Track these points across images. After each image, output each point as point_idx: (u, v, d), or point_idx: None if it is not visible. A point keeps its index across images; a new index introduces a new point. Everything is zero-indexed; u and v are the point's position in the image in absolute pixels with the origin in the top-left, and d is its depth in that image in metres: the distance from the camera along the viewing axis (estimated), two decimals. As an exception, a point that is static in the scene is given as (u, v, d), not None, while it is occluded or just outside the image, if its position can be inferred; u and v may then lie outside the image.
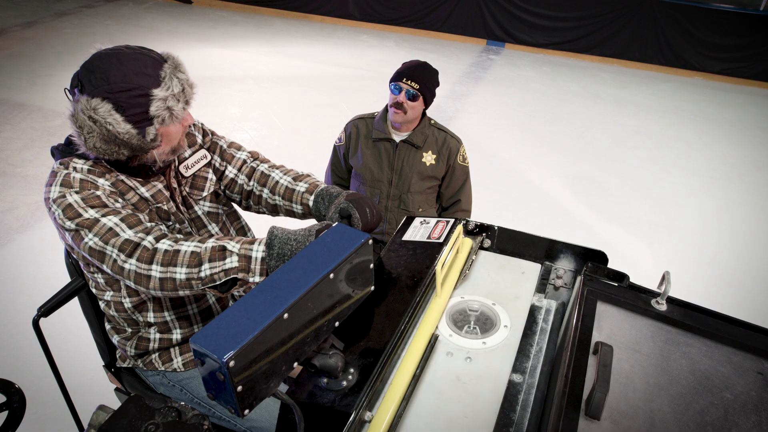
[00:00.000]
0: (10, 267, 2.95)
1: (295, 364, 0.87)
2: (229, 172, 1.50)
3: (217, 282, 1.11)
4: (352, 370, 1.02)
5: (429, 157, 2.23)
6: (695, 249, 3.61)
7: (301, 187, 1.42)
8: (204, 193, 1.46)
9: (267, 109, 5.10)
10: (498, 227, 1.46)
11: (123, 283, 1.33)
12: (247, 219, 1.64)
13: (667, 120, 5.63)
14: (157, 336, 1.42)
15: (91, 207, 1.16)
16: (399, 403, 0.98)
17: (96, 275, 1.34)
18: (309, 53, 6.69)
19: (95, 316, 1.57)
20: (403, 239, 1.45)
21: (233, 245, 1.12)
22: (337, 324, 0.94)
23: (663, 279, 1.09)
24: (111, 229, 1.14)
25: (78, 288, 1.49)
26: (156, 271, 1.12)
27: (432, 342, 1.13)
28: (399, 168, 2.24)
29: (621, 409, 0.89)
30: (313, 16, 8.03)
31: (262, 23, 7.71)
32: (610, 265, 1.25)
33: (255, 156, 1.54)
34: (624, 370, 0.97)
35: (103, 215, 1.16)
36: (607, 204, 4.03)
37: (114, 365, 1.60)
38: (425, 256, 1.37)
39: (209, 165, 1.47)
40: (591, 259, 1.30)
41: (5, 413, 1.14)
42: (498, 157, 4.56)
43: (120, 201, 1.23)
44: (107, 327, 1.49)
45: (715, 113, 5.92)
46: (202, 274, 1.11)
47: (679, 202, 4.15)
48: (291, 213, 1.46)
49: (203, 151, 1.45)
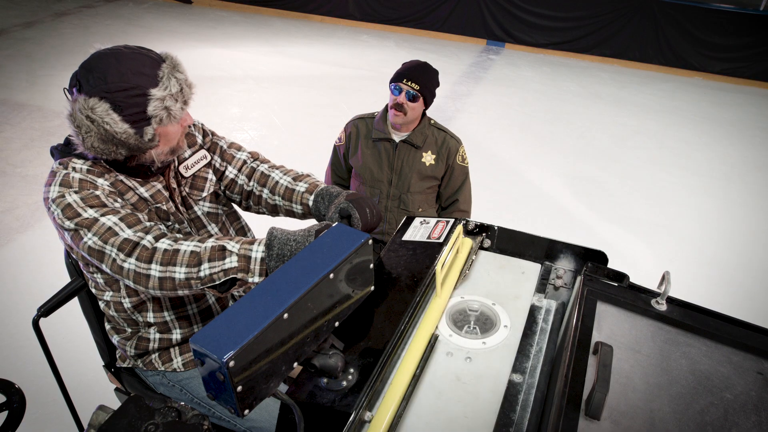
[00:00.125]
0: (10, 267, 2.95)
1: (295, 364, 0.87)
2: (229, 172, 1.50)
3: (217, 282, 1.11)
4: (352, 370, 1.02)
5: (429, 157, 2.23)
6: (695, 249, 3.61)
7: (301, 187, 1.42)
8: (204, 194, 1.46)
9: (267, 109, 5.09)
10: (498, 227, 1.46)
11: (122, 283, 1.32)
12: (247, 219, 1.64)
13: (667, 120, 5.63)
14: (157, 336, 1.42)
15: (90, 207, 1.16)
16: (399, 403, 0.98)
17: (95, 275, 1.34)
18: (309, 53, 6.69)
19: (95, 316, 1.57)
20: (403, 239, 1.45)
21: (233, 245, 1.12)
22: (337, 324, 0.94)
23: (663, 279, 1.09)
24: (110, 229, 1.14)
25: (78, 288, 1.49)
26: (155, 271, 1.12)
27: (432, 342, 1.13)
28: (399, 168, 2.24)
29: (621, 409, 0.89)
30: (313, 16, 8.03)
31: (262, 23, 7.71)
32: (610, 265, 1.25)
33: (255, 156, 1.54)
34: (624, 370, 0.97)
35: (102, 215, 1.16)
36: (607, 204, 4.03)
37: (114, 365, 1.61)
38: (425, 256, 1.37)
39: (209, 165, 1.47)
40: (591, 259, 1.30)
41: (5, 413, 1.14)
42: (498, 157, 4.56)
43: (119, 201, 1.23)
44: (107, 327, 1.49)
45: (715, 113, 5.92)
46: (201, 273, 1.11)
47: (679, 202, 4.15)
48: (291, 213, 1.46)
49: (203, 152, 1.45)
